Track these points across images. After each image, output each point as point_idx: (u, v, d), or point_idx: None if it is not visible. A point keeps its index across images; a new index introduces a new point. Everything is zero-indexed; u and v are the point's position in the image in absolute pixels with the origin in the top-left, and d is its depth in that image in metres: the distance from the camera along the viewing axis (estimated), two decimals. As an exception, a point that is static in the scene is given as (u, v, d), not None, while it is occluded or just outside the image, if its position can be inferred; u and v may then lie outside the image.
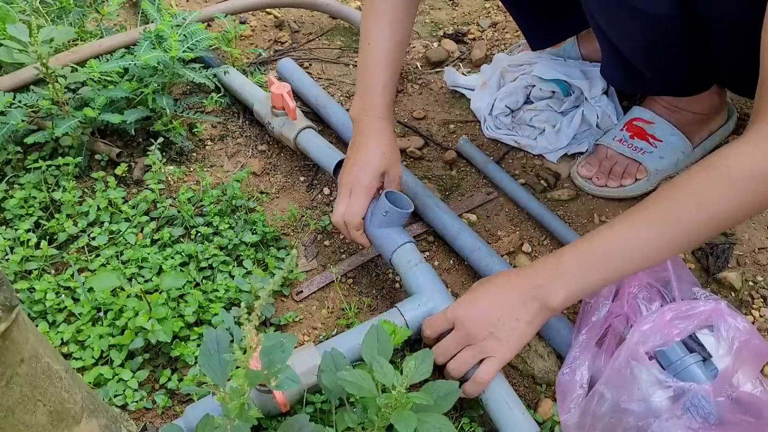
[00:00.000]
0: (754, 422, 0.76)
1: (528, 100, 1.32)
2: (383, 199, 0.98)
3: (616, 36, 1.01)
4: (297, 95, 1.34)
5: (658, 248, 0.78)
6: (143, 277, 1.01)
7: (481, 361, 0.83)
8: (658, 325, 0.81)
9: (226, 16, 1.44)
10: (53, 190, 1.13)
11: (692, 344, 0.80)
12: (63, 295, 0.97)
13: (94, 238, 1.06)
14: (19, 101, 1.13)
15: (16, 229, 1.06)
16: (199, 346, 0.89)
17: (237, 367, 0.64)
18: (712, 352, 0.80)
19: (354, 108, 1.05)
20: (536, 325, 0.83)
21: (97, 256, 1.04)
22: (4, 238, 1.04)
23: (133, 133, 1.20)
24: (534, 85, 1.31)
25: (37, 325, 0.93)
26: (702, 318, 0.81)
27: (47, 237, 1.07)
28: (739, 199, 0.75)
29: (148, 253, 1.03)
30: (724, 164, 0.75)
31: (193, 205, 1.13)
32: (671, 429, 0.76)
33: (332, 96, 1.34)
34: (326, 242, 1.12)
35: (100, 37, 1.38)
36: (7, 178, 1.15)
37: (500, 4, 1.68)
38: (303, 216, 1.16)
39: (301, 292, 1.04)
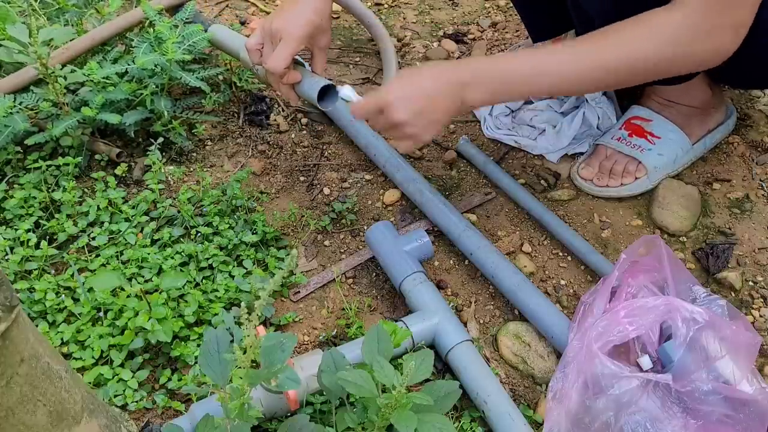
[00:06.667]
0: (732, 414, 0.77)
1: (528, 100, 1.32)
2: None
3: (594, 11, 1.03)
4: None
5: (576, 74, 0.89)
6: (143, 277, 1.01)
7: None
8: (612, 323, 0.82)
9: (218, 15, 1.44)
10: (53, 190, 1.13)
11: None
12: (63, 295, 0.97)
13: (94, 238, 1.06)
14: (20, 103, 1.13)
15: (16, 229, 1.06)
16: (199, 346, 0.89)
17: (237, 367, 0.64)
18: (713, 353, 0.80)
19: None
20: (451, 115, 0.93)
21: (97, 256, 1.04)
22: (4, 238, 1.04)
23: (133, 134, 1.20)
24: (534, 85, 1.31)
25: (37, 325, 0.93)
26: (658, 312, 0.82)
27: (47, 237, 1.07)
28: (658, 57, 0.87)
29: (148, 253, 1.03)
30: (650, 27, 0.86)
31: (193, 205, 1.13)
32: (639, 421, 0.76)
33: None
34: (326, 242, 1.12)
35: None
36: (7, 178, 1.15)
37: (500, 4, 1.68)
38: (303, 216, 1.16)
39: (298, 292, 1.04)
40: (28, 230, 1.05)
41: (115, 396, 0.88)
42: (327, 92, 1.01)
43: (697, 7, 0.84)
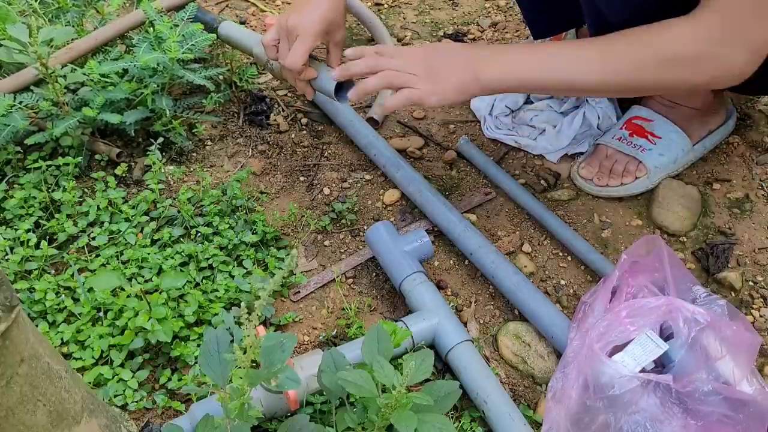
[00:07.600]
0: (731, 415, 0.77)
1: (528, 100, 1.32)
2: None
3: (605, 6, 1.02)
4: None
5: (592, 70, 0.89)
6: (143, 277, 1.01)
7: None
8: (614, 323, 0.82)
9: (219, 13, 1.44)
10: (53, 190, 1.13)
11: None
12: (63, 295, 0.97)
13: (94, 238, 1.06)
14: (20, 102, 1.13)
15: (16, 229, 1.06)
16: (199, 346, 0.89)
17: (237, 367, 0.64)
18: (713, 353, 0.80)
19: None
20: (461, 92, 0.91)
21: (97, 256, 1.04)
22: (4, 238, 1.04)
23: (133, 133, 1.20)
24: (534, 85, 1.31)
25: (37, 325, 0.93)
26: (659, 313, 0.82)
27: (47, 237, 1.07)
28: (661, 74, 0.86)
29: (148, 253, 1.03)
30: (658, 38, 0.85)
31: (193, 205, 1.13)
32: (639, 421, 0.76)
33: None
34: (326, 242, 1.12)
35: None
36: (7, 178, 1.15)
37: (500, 4, 1.68)
38: (303, 216, 1.16)
39: (298, 292, 1.04)
40: (28, 230, 1.05)
41: (115, 396, 0.88)
42: (343, 86, 1.02)
43: (708, 23, 0.82)
